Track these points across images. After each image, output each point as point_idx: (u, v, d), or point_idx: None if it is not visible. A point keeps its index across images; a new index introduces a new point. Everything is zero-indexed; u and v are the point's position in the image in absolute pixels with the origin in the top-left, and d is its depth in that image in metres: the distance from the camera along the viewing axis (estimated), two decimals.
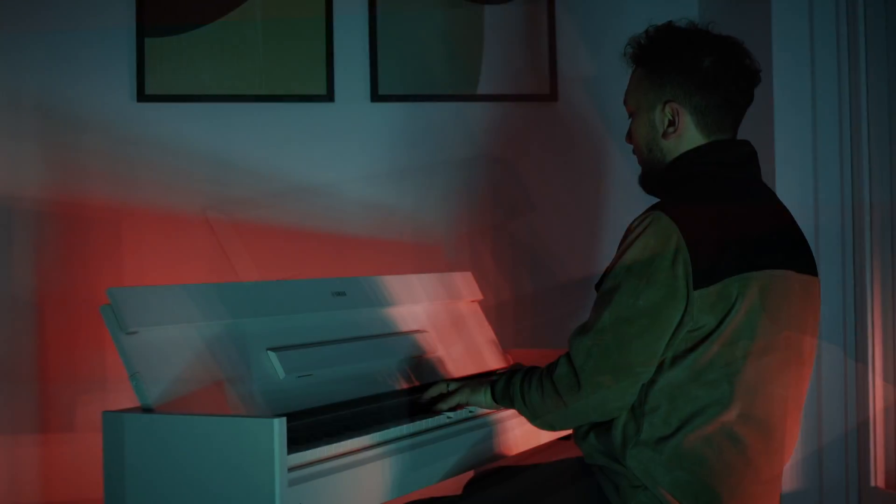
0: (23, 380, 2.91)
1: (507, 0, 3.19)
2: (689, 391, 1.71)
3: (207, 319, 1.83)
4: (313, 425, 1.83)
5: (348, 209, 3.12)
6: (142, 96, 3.00)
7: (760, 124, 2.87)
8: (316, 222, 3.10)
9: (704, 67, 1.82)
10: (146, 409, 1.67)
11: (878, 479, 2.72)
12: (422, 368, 2.26)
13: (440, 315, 2.43)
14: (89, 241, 2.98)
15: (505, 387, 1.91)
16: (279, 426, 1.53)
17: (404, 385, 2.18)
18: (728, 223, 1.73)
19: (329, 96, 3.09)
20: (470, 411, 2.03)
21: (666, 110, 1.85)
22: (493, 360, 2.51)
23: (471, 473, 2.36)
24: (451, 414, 1.98)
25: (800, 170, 2.82)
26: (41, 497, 2.92)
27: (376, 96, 3.12)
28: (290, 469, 1.58)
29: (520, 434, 2.09)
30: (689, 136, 1.85)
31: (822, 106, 2.80)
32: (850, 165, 2.79)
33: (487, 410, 2.05)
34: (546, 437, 2.20)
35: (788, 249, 1.81)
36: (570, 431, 2.19)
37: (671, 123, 1.85)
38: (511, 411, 2.10)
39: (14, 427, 2.90)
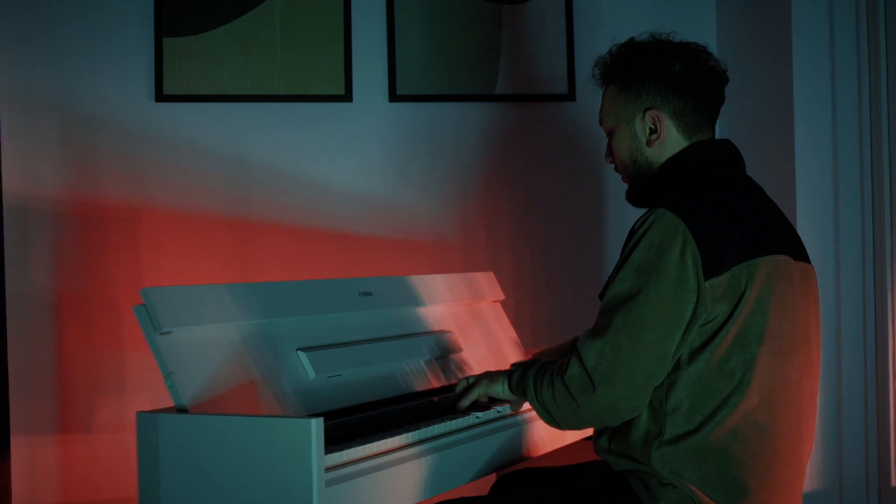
0: (41, 380, 2.91)
1: (525, 0, 3.19)
2: (709, 385, 1.71)
3: (239, 319, 1.83)
4: (344, 426, 1.83)
5: (366, 209, 3.12)
6: (160, 96, 3.00)
7: (781, 121, 2.87)
8: (333, 222, 3.10)
9: (676, 71, 1.86)
10: (180, 410, 1.66)
11: None
12: (447, 369, 2.26)
13: (464, 315, 2.43)
14: (107, 242, 2.97)
15: (520, 379, 1.90)
16: (317, 426, 1.53)
17: (431, 385, 2.18)
18: (728, 213, 1.76)
19: (347, 96, 3.09)
20: (498, 411, 2.02)
21: (646, 118, 1.88)
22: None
23: (496, 474, 2.36)
24: (479, 414, 1.98)
25: (820, 166, 2.81)
26: (60, 497, 2.92)
27: (394, 96, 3.12)
28: (327, 469, 1.58)
29: (546, 434, 2.09)
30: (672, 140, 1.88)
31: (842, 102, 2.80)
32: (870, 161, 2.79)
33: (517, 410, 2.04)
34: (572, 437, 2.20)
35: (785, 237, 1.83)
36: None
37: (653, 131, 1.88)
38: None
39: (33, 427, 2.90)
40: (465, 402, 1.98)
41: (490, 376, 1.98)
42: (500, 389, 1.95)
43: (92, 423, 2.95)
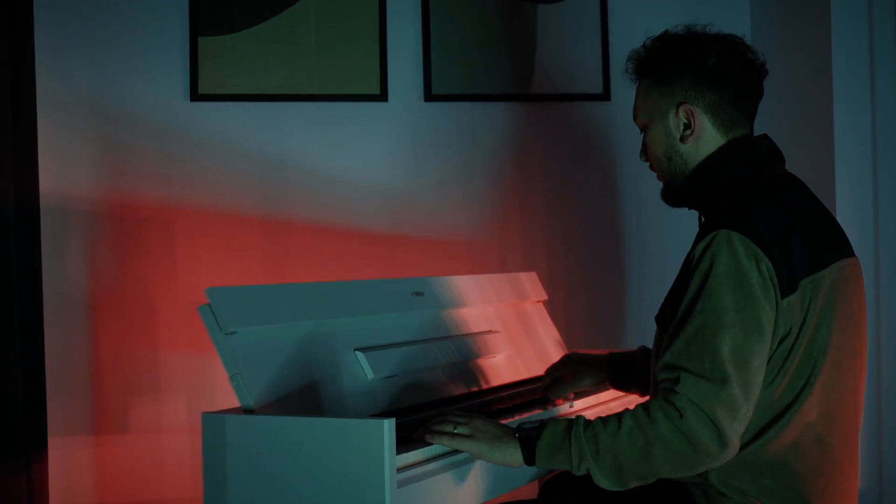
0: (77, 381, 2.90)
1: None
2: (771, 399, 1.68)
3: (299, 319, 1.82)
4: (405, 426, 1.82)
5: (401, 209, 3.11)
6: (195, 95, 2.99)
7: (820, 116, 2.86)
8: (368, 222, 3.09)
9: (711, 64, 1.78)
10: (247, 410, 1.65)
11: None
12: (498, 369, 2.25)
13: (509, 315, 2.43)
14: (142, 241, 2.96)
15: (554, 444, 1.64)
16: (389, 428, 1.52)
17: (484, 385, 2.17)
18: (786, 224, 1.69)
19: (382, 96, 3.08)
20: (545, 414, 2.01)
21: (680, 113, 1.81)
22: None
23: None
24: (538, 415, 1.96)
25: (860, 160, 2.80)
26: (96, 498, 2.91)
27: (430, 96, 3.11)
28: (397, 470, 1.57)
29: None
30: (708, 136, 1.81)
31: (881, 96, 2.79)
32: None
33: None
34: None
35: (836, 237, 1.79)
36: None
37: (687, 126, 1.81)
38: (585, 409, 2.10)
39: (68, 428, 2.89)
40: (429, 439, 1.69)
41: (488, 440, 1.68)
42: (510, 456, 1.67)
43: (127, 424, 2.94)
